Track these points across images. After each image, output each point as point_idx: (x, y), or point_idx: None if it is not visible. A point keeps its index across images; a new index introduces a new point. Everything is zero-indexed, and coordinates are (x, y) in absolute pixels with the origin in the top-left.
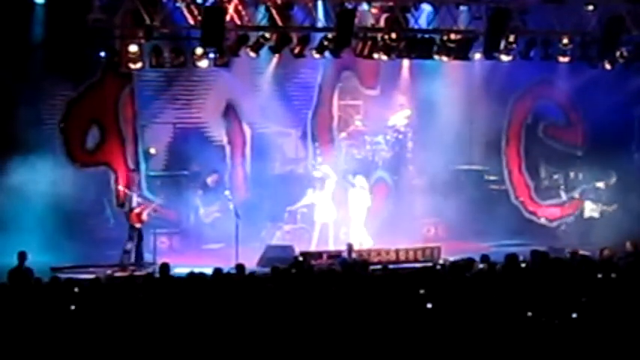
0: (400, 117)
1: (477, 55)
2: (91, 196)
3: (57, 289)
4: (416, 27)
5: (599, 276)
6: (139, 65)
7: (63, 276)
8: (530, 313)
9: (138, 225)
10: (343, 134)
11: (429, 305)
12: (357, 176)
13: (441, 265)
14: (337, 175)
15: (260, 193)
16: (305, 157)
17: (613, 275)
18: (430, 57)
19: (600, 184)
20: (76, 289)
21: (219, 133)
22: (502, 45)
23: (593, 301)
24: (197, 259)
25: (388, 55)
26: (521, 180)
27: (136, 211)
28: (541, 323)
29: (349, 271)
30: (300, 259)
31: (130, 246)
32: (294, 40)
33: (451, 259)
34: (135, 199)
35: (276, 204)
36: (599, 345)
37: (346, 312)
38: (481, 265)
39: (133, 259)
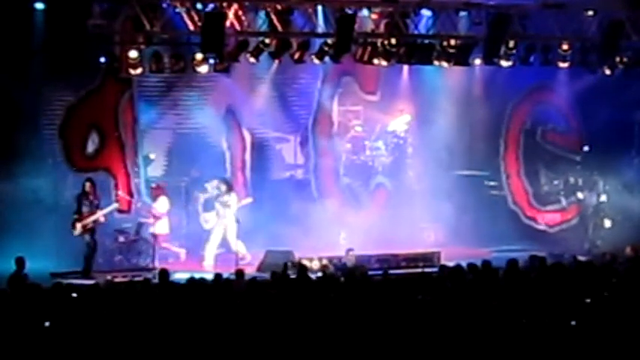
0: (400, 122)
1: (477, 61)
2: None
3: (56, 295)
4: (416, 32)
5: (600, 281)
6: (138, 71)
7: (62, 281)
8: (529, 319)
9: (75, 233)
10: (348, 145)
11: (430, 310)
12: (232, 194)
13: (440, 270)
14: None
15: (260, 199)
16: (304, 162)
17: (613, 280)
18: (430, 62)
19: (603, 198)
20: (74, 295)
21: (218, 138)
22: (502, 50)
23: (593, 306)
24: (197, 264)
25: (388, 60)
26: (519, 185)
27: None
28: (540, 329)
29: (349, 277)
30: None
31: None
32: (294, 46)
33: (450, 264)
34: (84, 208)
35: (276, 209)
36: (600, 351)
37: (345, 317)
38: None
39: (83, 267)
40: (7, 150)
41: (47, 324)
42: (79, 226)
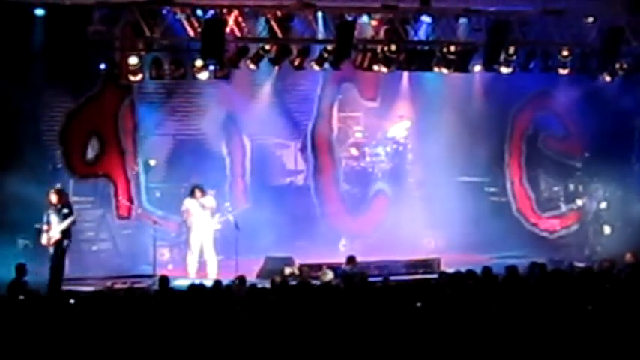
0: (400, 128)
1: (477, 67)
2: (90, 208)
3: (55, 302)
4: (416, 39)
5: (599, 288)
6: (138, 77)
7: (62, 288)
8: (529, 325)
9: (43, 243)
10: (347, 153)
11: (430, 317)
12: (208, 196)
13: (440, 276)
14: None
15: (260, 205)
16: (304, 168)
17: (613, 287)
18: (430, 69)
19: (603, 205)
20: (72, 301)
21: (218, 144)
22: (502, 57)
23: (593, 312)
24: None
25: (388, 67)
26: (522, 192)
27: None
28: (540, 335)
29: (349, 283)
30: (297, 271)
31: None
32: (294, 52)
33: (450, 270)
34: (52, 218)
35: (276, 216)
36: (600, 357)
37: (346, 324)
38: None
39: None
40: (6, 155)
41: (49, 329)
42: (44, 237)
